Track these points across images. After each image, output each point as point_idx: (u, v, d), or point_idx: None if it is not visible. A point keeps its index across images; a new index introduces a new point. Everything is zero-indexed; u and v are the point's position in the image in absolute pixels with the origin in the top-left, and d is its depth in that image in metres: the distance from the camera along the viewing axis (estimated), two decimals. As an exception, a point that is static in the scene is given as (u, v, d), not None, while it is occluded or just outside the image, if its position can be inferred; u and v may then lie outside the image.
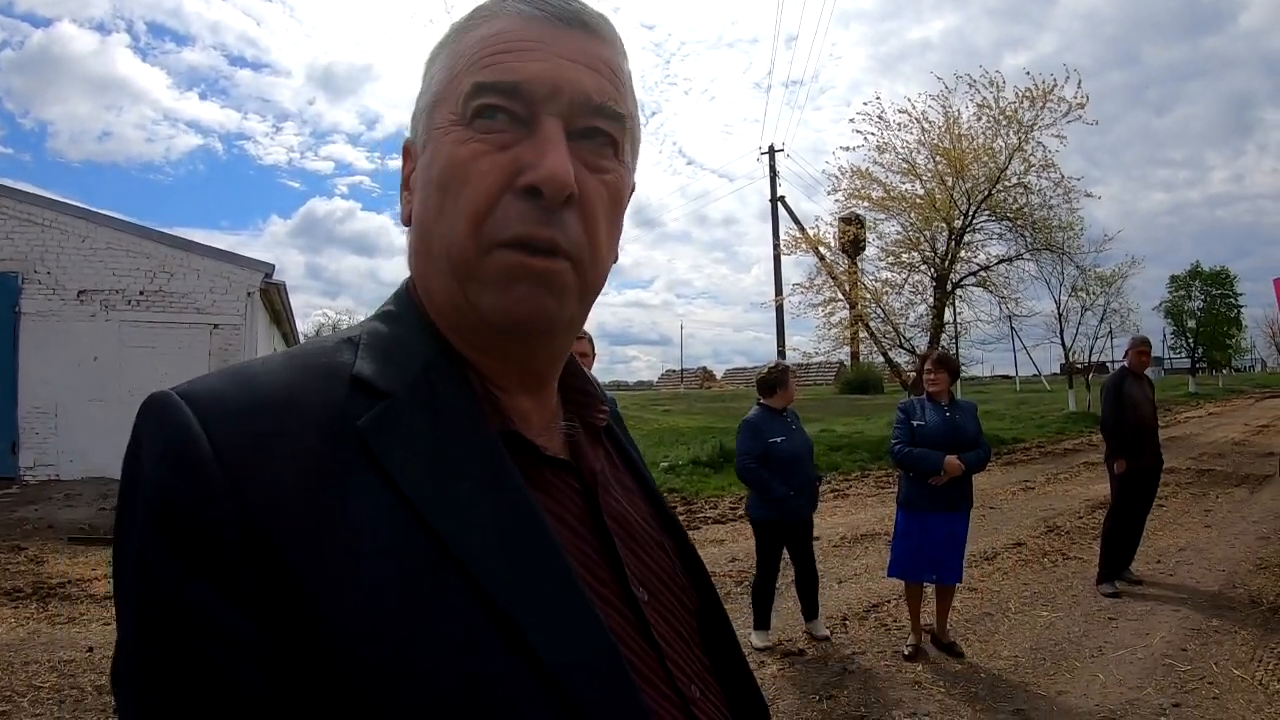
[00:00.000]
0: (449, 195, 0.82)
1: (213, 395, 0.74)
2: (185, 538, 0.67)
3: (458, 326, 0.86)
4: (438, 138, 0.85)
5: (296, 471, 0.71)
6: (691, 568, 1.02)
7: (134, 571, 0.69)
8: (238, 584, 0.67)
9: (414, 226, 0.89)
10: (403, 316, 0.89)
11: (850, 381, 57.89)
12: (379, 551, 0.70)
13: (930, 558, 6.24)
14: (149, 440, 0.72)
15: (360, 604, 0.68)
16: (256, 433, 0.72)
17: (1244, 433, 24.99)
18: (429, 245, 0.86)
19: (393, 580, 0.70)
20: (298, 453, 0.72)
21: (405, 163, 0.94)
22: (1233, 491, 13.73)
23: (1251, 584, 7.98)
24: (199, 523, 0.67)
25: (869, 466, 17.81)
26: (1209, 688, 5.52)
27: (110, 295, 14.80)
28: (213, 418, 0.71)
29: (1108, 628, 6.84)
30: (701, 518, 12.23)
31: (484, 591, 0.72)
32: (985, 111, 22.89)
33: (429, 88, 0.89)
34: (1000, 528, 11.19)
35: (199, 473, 0.69)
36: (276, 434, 0.72)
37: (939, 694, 5.59)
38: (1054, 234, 24.08)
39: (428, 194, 0.85)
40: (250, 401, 0.74)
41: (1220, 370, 66.53)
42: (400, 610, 0.69)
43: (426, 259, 0.87)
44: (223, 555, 0.67)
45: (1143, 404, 8.11)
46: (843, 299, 24.95)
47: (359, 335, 0.86)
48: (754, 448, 6.55)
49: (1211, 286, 54.95)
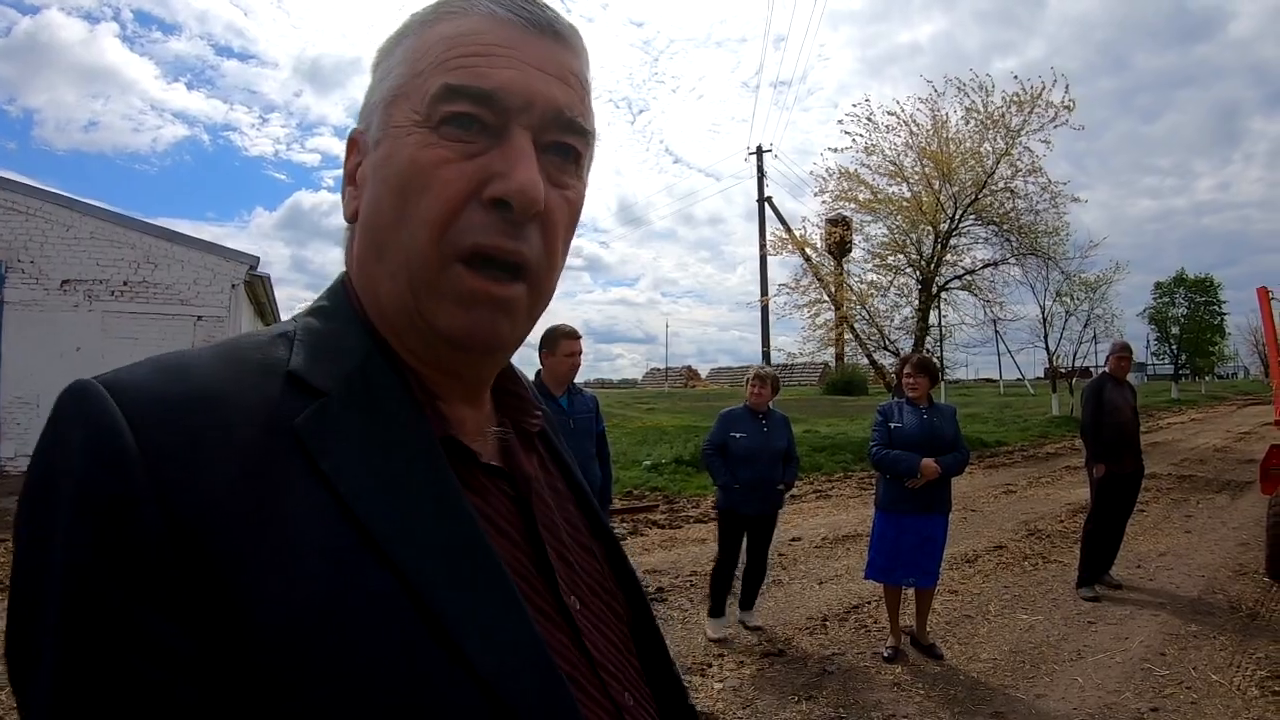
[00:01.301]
0: (409, 200, 0.79)
1: (140, 387, 0.70)
2: (116, 543, 0.63)
3: (401, 332, 0.84)
4: (397, 136, 0.81)
5: (229, 471, 0.68)
6: (622, 575, 1.01)
7: (59, 578, 0.63)
8: (171, 593, 0.64)
9: (362, 226, 0.85)
10: (337, 312, 0.86)
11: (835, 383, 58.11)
12: (314, 554, 0.68)
13: (907, 560, 6.24)
14: (70, 434, 0.67)
15: (294, 608, 0.66)
16: (187, 429, 0.68)
17: (1226, 439, 25.13)
18: (381, 250, 0.82)
19: (327, 584, 0.67)
20: (230, 451, 0.69)
21: (350, 155, 0.89)
22: (1214, 498, 13.77)
23: (1231, 590, 8.01)
24: (129, 527, 0.64)
25: (852, 468, 17.84)
26: (1187, 692, 5.53)
27: (94, 285, 14.75)
28: (139, 412, 0.67)
29: (1087, 631, 6.85)
30: (684, 516, 12.22)
31: (420, 596, 0.70)
32: (973, 115, 22.99)
33: (386, 79, 0.85)
34: (981, 530, 11.20)
35: (124, 469, 0.65)
36: (208, 431, 0.69)
37: (918, 696, 5.58)
38: (1040, 239, 24.20)
39: (382, 195, 0.82)
40: (180, 395, 0.70)
41: (1203, 377, 66.89)
42: (334, 614, 0.67)
43: (376, 263, 0.83)
44: (155, 563, 0.64)
45: (1123, 409, 8.12)
46: (828, 300, 25.04)
47: (293, 330, 0.83)
48: (715, 437, 6.83)
49: (1196, 294, 55.39)
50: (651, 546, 10.25)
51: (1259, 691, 5.52)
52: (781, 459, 6.84)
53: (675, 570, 8.86)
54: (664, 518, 12.27)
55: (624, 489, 14.32)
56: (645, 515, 12.44)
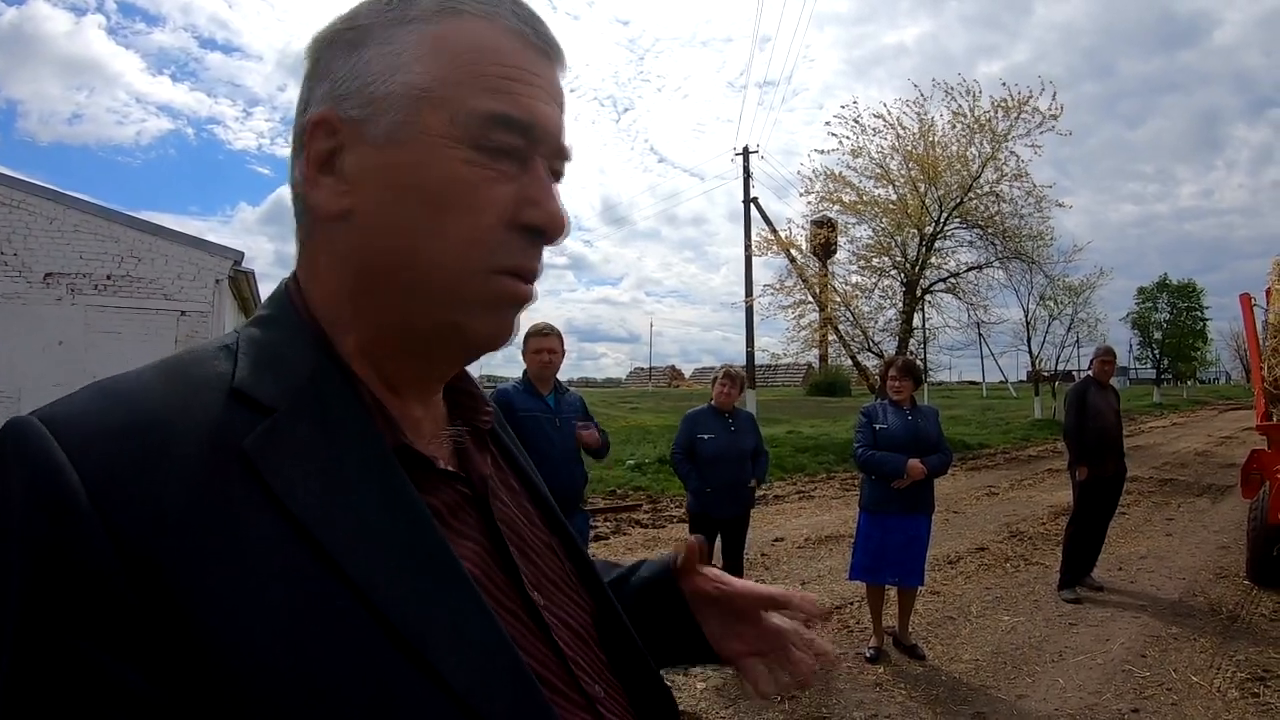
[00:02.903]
0: (449, 216, 0.77)
1: (79, 418, 0.67)
2: (65, 586, 0.60)
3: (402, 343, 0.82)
4: (434, 147, 0.77)
5: (178, 498, 0.65)
6: (582, 567, 1.00)
7: (10, 628, 0.60)
8: (125, 633, 0.61)
9: (372, 231, 0.79)
10: (283, 321, 0.81)
11: (818, 384, 58.25)
12: (271, 578, 0.65)
13: (892, 560, 6.24)
14: (9, 477, 0.64)
15: (255, 636, 0.63)
16: (131, 458, 0.65)
17: (1207, 443, 25.27)
18: (409, 258, 0.78)
19: (287, 608, 0.65)
20: (178, 477, 0.65)
21: (317, 138, 0.80)
22: (1195, 501, 13.85)
23: (1211, 592, 8.04)
24: (76, 568, 0.61)
25: (835, 469, 17.89)
26: (1167, 694, 5.55)
27: (77, 279, 14.62)
28: (79, 444, 0.64)
29: (1068, 633, 6.87)
30: (666, 516, 12.24)
31: (385, 615, 0.68)
32: (960, 119, 23.07)
33: (403, 70, 0.79)
34: (964, 532, 11.22)
35: (69, 510, 0.62)
36: (153, 457, 0.66)
37: (900, 696, 5.59)
38: (1024, 243, 24.34)
39: (410, 205, 0.78)
40: (122, 422, 0.67)
41: (1185, 381, 67.22)
42: (297, 639, 0.64)
43: (383, 276, 0.79)
44: (107, 603, 0.61)
45: (1106, 413, 8.15)
46: (813, 301, 25.08)
47: (235, 342, 0.78)
48: (683, 440, 6.76)
49: (1179, 299, 55.67)
50: (635, 546, 10.25)
51: (1239, 693, 5.54)
52: (750, 457, 6.84)
53: (658, 569, 8.83)
54: (647, 517, 12.29)
55: (607, 488, 14.34)
56: (628, 515, 12.46)
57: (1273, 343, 7.75)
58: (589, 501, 6.96)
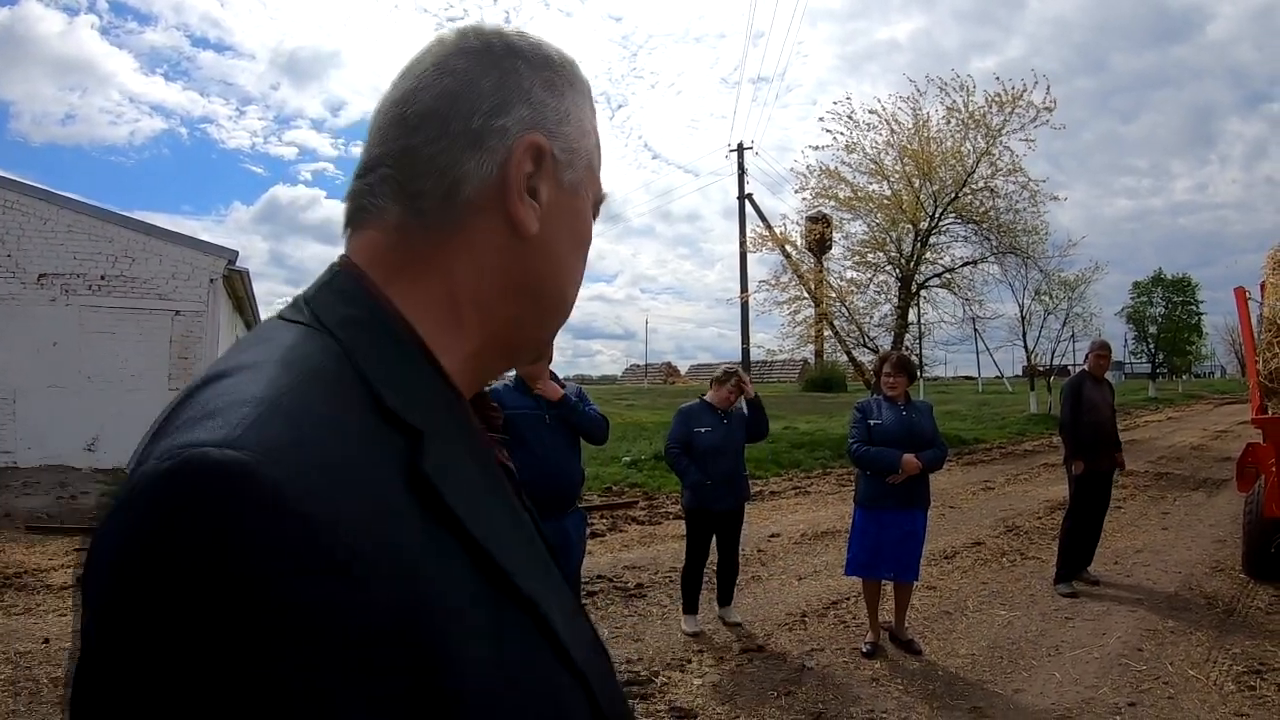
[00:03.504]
0: (580, 260, 0.90)
1: (281, 453, 0.56)
2: (354, 660, 0.54)
3: (497, 343, 0.85)
4: (586, 207, 0.89)
5: (401, 539, 0.60)
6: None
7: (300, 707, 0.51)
8: (394, 692, 0.56)
9: (538, 254, 0.83)
10: (376, 326, 0.75)
11: (814, 379, 58.03)
12: (472, 603, 0.64)
13: (888, 556, 6.24)
14: (238, 537, 0.52)
15: (478, 666, 0.62)
16: (356, 502, 0.58)
17: (1202, 437, 25.27)
18: (548, 285, 0.86)
19: (489, 629, 0.64)
20: (393, 516, 0.61)
21: (529, 161, 0.82)
22: (1190, 495, 13.87)
23: (1207, 586, 8.05)
24: (359, 634, 0.54)
25: (830, 464, 17.85)
26: (1164, 687, 5.55)
27: (71, 279, 14.58)
28: (304, 489, 0.55)
29: (1065, 627, 6.87)
30: (663, 513, 12.20)
31: (546, 622, 0.70)
32: (955, 115, 23.11)
33: (585, 135, 0.89)
34: (960, 527, 11.23)
35: (336, 568, 0.54)
36: (369, 498, 0.59)
37: (897, 691, 5.59)
38: (1019, 237, 24.37)
39: (568, 249, 0.87)
40: (320, 458, 0.58)
41: (1180, 376, 67.29)
42: (502, 658, 0.64)
43: (535, 296, 0.85)
44: (383, 663, 0.55)
45: (1101, 407, 8.16)
46: (808, 297, 25.13)
47: (340, 345, 0.71)
48: (679, 434, 6.80)
49: (1173, 293, 55.65)
50: (631, 543, 10.25)
51: (1235, 686, 5.55)
52: (743, 453, 6.93)
53: (655, 566, 8.86)
54: (643, 514, 12.26)
55: (603, 485, 14.33)
56: (625, 511, 12.44)
57: (1268, 337, 7.74)
58: (584, 499, 6.95)
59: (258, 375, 0.64)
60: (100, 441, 14.52)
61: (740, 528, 7.03)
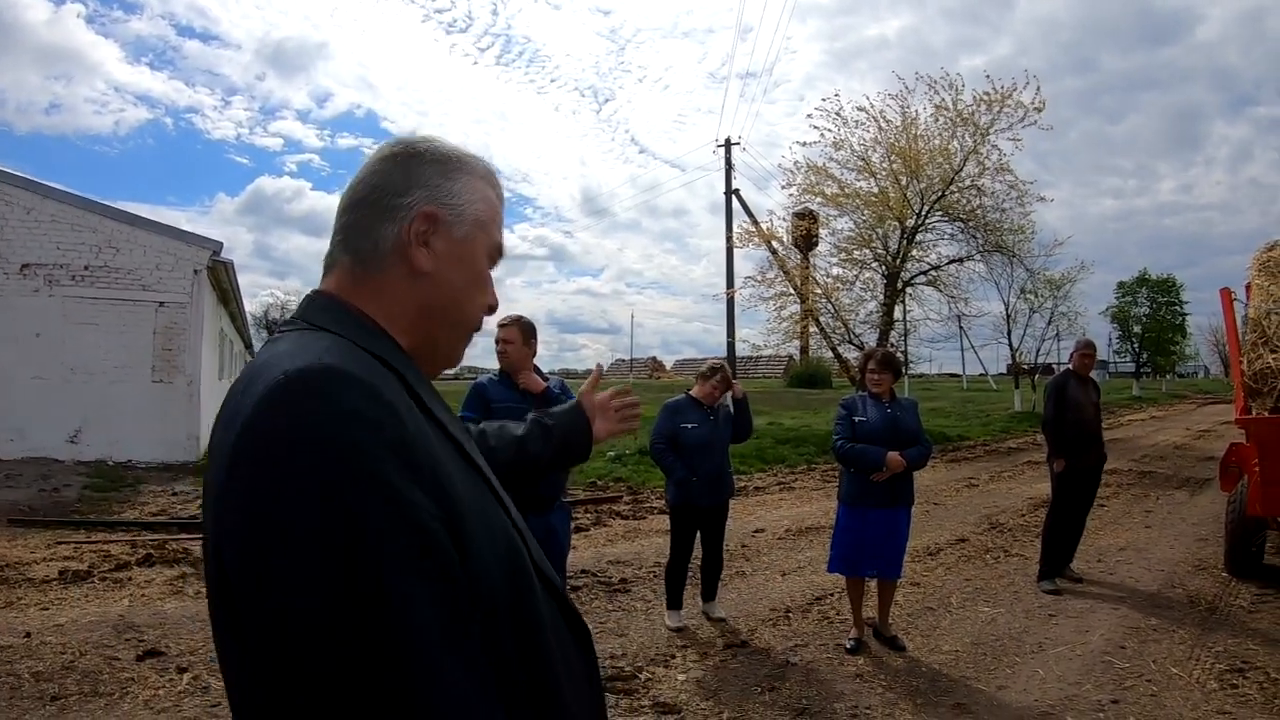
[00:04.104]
0: (478, 293, 1.34)
1: (349, 364, 1.06)
2: (399, 454, 1.00)
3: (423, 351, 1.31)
4: (479, 252, 1.33)
5: (409, 411, 1.08)
6: None
7: (386, 472, 0.98)
8: (418, 476, 1.01)
9: (439, 289, 1.28)
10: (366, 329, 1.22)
11: (799, 375, 58.22)
12: (450, 457, 1.13)
13: (871, 553, 6.24)
14: (353, 393, 1.01)
15: (458, 483, 1.10)
16: (390, 391, 1.07)
17: (1185, 437, 25.40)
18: (450, 308, 1.31)
19: (461, 470, 1.14)
20: (402, 401, 1.08)
21: (420, 221, 1.27)
22: (1173, 494, 13.93)
23: (1190, 584, 8.07)
24: (405, 443, 1.02)
25: (815, 460, 17.87)
26: (1147, 685, 5.56)
27: (54, 270, 14.49)
28: (370, 379, 1.05)
29: (1048, 624, 6.88)
30: (647, 508, 12.19)
31: (489, 479, 1.24)
32: (943, 113, 23.12)
33: (472, 203, 1.32)
34: (944, 523, 11.25)
35: (391, 409, 1.04)
36: (392, 390, 1.08)
37: (880, 687, 5.58)
38: (1005, 236, 24.40)
39: (464, 282, 1.31)
40: (368, 370, 1.07)
41: (1164, 375, 67.56)
42: (468, 484, 1.14)
43: (441, 314, 1.30)
44: (414, 462, 1.02)
45: (1085, 405, 8.18)
46: (794, 293, 25.10)
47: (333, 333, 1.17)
48: (665, 430, 6.81)
49: (1158, 294, 55.87)
50: (615, 538, 10.24)
51: (1218, 684, 5.56)
52: (728, 449, 6.96)
53: (639, 561, 8.85)
54: (628, 508, 12.25)
55: (587, 479, 14.31)
56: (609, 506, 12.42)
57: (1252, 337, 7.76)
58: (569, 494, 6.92)
59: (294, 349, 1.09)
60: (83, 434, 14.45)
61: (725, 523, 7.03)
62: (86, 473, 13.21)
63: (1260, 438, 7.44)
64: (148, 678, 5.45)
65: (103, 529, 9.85)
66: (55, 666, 5.53)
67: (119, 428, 14.67)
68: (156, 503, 11.61)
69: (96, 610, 6.80)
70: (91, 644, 5.95)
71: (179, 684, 5.37)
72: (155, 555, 8.47)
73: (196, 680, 5.41)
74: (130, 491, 12.33)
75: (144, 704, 5.08)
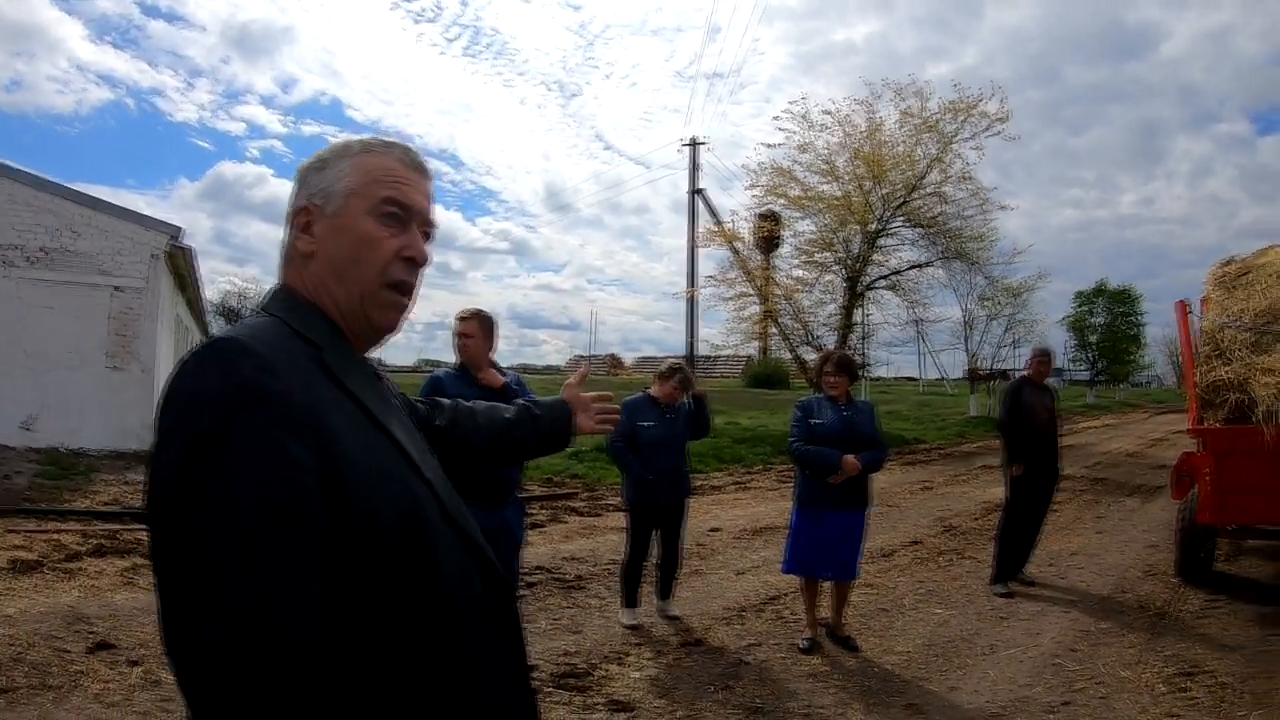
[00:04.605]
0: (363, 251, 1.44)
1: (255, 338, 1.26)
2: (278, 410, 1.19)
3: (348, 321, 1.45)
4: (355, 216, 1.44)
5: (310, 379, 1.28)
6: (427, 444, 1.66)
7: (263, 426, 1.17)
8: (301, 433, 1.20)
9: (325, 262, 1.44)
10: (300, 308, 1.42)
11: (758, 375, 58.30)
12: (353, 423, 1.30)
13: (826, 555, 6.24)
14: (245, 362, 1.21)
15: (353, 448, 1.27)
16: (288, 359, 1.27)
17: (1138, 445, 25.70)
18: (340, 277, 1.44)
19: (362, 436, 1.31)
20: (306, 371, 1.29)
21: (301, 215, 1.48)
22: (1125, 500, 14.07)
23: (1140, 590, 8.15)
24: (285, 402, 1.21)
25: (772, 460, 17.93)
26: (1097, 688, 5.60)
27: (9, 251, 14.15)
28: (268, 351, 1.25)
29: (1000, 627, 6.93)
30: (604, 505, 12.17)
31: (399, 443, 1.39)
32: (909, 119, 23.28)
33: (342, 179, 1.46)
34: (898, 526, 11.34)
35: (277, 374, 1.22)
36: (296, 360, 1.28)
37: (834, 687, 5.59)
38: (966, 243, 24.59)
39: (344, 247, 1.44)
40: (272, 341, 1.28)
41: (1119, 384, 68.24)
42: (371, 449, 1.31)
43: (338, 283, 1.44)
44: (296, 419, 1.20)
45: (1040, 411, 8.26)
46: (754, 294, 25.19)
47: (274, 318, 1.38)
48: (623, 428, 6.70)
49: (1115, 304, 56.46)
50: (571, 534, 10.22)
51: (1167, 688, 5.61)
52: (686, 448, 7.00)
53: (594, 558, 8.83)
54: (584, 505, 12.24)
55: (544, 475, 14.27)
56: (565, 502, 12.40)
57: (1207, 350, 7.86)
58: (525, 489, 6.85)
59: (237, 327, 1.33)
60: (38, 420, 14.17)
61: (682, 522, 7.02)
62: (39, 460, 12.93)
63: (1213, 447, 7.53)
64: (98, 670, 5.32)
65: (54, 518, 9.65)
66: (4, 658, 5.38)
67: (73, 415, 14.32)
68: (109, 491, 11.38)
69: (46, 601, 6.63)
70: (41, 636, 5.79)
71: (130, 677, 5.25)
72: (107, 545, 8.32)
73: (148, 674, 5.28)
74: (83, 480, 12.06)
75: (94, 697, 4.96)
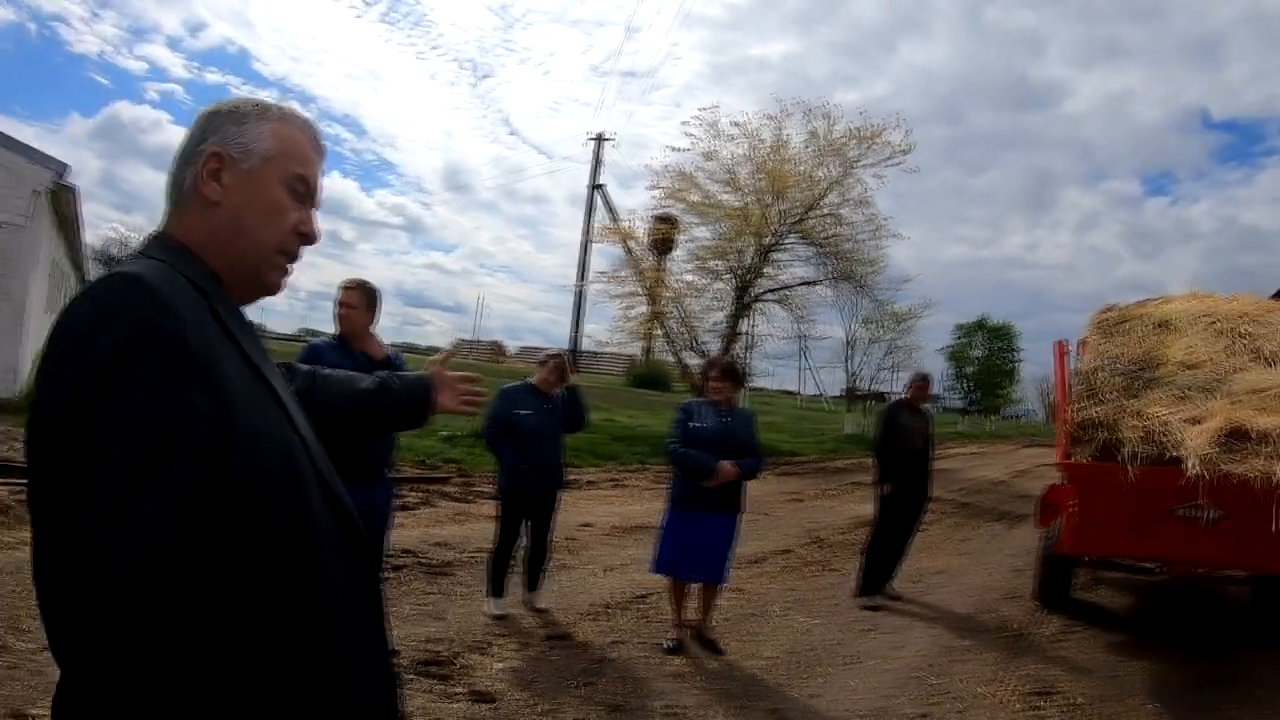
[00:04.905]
0: (269, 219, 1.48)
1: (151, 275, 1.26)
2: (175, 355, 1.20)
3: (236, 277, 1.48)
4: (269, 182, 1.48)
5: (203, 322, 1.28)
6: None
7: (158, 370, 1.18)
8: (198, 380, 1.21)
9: (230, 213, 1.45)
10: (179, 254, 1.41)
11: (641, 375, 58.64)
12: (239, 373, 1.32)
13: (695, 558, 6.22)
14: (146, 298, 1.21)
15: (238, 392, 1.28)
16: (183, 298, 1.27)
17: (1005, 474, 26.36)
18: (242, 235, 1.46)
19: (246, 383, 1.33)
20: (198, 314, 1.28)
21: (210, 161, 1.45)
22: (991, 525, 14.43)
23: (1001, 610, 8.31)
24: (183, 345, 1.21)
25: (648, 460, 17.93)
26: (955, 702, 5.67)
27: (-126, 170, 13.15)
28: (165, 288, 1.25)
29: (863, 638, 6.98)
30: (477, 492, 11.98)
31: (277, 394, 1.42)
32: (815, 140, 23.54)
33: (260, 140, 1.48)
34: (769, 534, 11.41)
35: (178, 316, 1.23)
36: (188, 300, 1.28)
37: (697, 689, 5.55)
38: (857, 266, 24.96)
39: (253, 209, 1.47)
40: (169, 280, 1.28)
41: (990, 416, 70.09)
42: (251, 395, 1.33)
43: (236, 238, 1.46)
44: (193, 365, 1.21)
45: (914, 435, 8.44)
46: (644, 294, 25.20)
47: (164, 262, 1.37)
48: (499, 414, 6.70)
49: (994, 339, 58.04)
50: (442, 519, 10.04)
51: (1022, 705, 5.70)
52: (562, 439, 6.97)
53: (463, 545, 8.65)
54: (457, 490, 12.05)
55: (417, 457, 14.00)
56: (438, 486, 12.19)
57: (1081, 389, 8.04)
58: (397, 469, 6.67)
59: (131, 264, 1.34)
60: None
61: (554, 514, 6.94)
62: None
63: (1080, 481, 7.70)
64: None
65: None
66: None
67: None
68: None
69: None
70: None
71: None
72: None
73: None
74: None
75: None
